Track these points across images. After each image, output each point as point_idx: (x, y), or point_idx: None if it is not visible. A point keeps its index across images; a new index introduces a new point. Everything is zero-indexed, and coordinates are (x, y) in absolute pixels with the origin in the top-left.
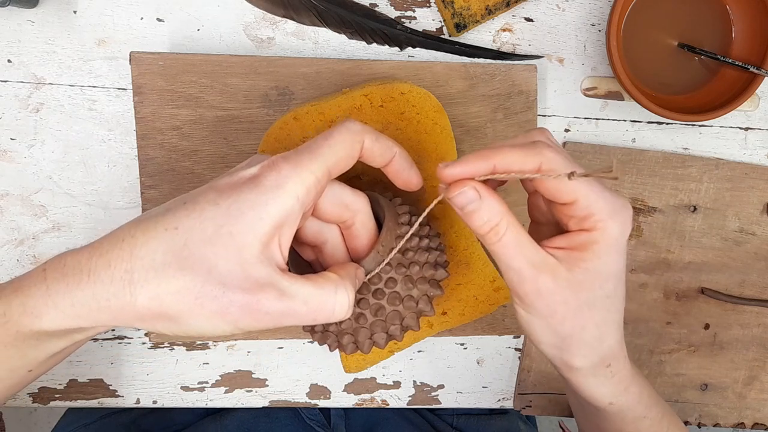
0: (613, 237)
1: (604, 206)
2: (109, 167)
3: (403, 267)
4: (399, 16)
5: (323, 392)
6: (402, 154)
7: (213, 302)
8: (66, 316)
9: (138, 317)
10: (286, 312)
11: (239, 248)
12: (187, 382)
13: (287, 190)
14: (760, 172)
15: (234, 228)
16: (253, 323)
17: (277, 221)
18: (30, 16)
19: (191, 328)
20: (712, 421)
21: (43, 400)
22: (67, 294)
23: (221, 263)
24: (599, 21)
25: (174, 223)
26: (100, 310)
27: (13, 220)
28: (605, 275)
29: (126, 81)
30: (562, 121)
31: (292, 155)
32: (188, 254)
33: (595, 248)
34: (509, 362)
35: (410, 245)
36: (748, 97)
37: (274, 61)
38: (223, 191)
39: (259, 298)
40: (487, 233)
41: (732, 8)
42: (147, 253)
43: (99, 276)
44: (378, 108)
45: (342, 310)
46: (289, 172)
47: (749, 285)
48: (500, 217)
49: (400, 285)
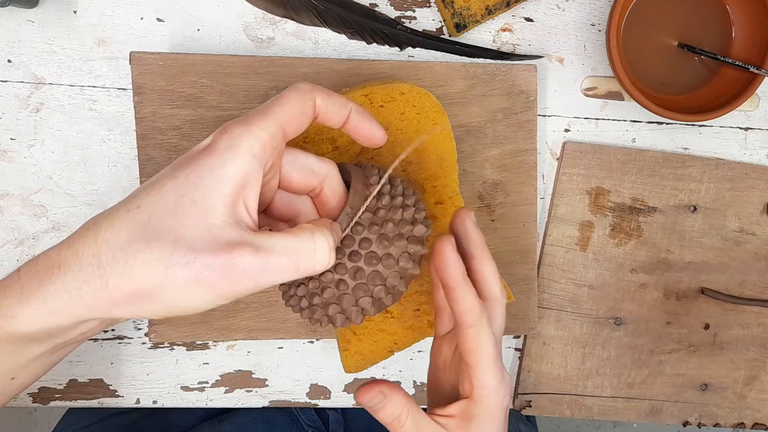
0: (493, 411)
1: (492, 381)
2: (109, 167)
3: (375, 225)
4: (399, 16)
5: (323, 392)
6: (358, 108)
7: (185, 269)
8: (39, 313)
9: (112, 301)
10: (265, 266)
11: (204, 213)
12: (187, 382)
13: (242, 148)
14: (760, 172)
15: (195, 195)
16: (231, 286)
17: (238, 181)
18: (30, 16)
19: (170, 303)
20: (712, 421)
21: (43, 400)
22: (39, 289)
23: (188, 231)
24: (599, 21)
25: (136, 203)
26: (73, 301)
27: (13, 220)
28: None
29: (126, 81)
30: (562, 121)
31: (243, 117)
32: (152, 227)
33: (479, 420)
34: (509, 362)
35: (382, 203)
36: (748, 97)
37: (274, 61)
38: (180, 164)
39: (233, 256)
40: (391, 422)
41: (732, 8)
42: (111, 235)
43: (69, 267)
44: (378, 108)
45: (323, 256)
46: (241, 131)
47: (749, 285)
48: (401, 408)
49: (376, 244)
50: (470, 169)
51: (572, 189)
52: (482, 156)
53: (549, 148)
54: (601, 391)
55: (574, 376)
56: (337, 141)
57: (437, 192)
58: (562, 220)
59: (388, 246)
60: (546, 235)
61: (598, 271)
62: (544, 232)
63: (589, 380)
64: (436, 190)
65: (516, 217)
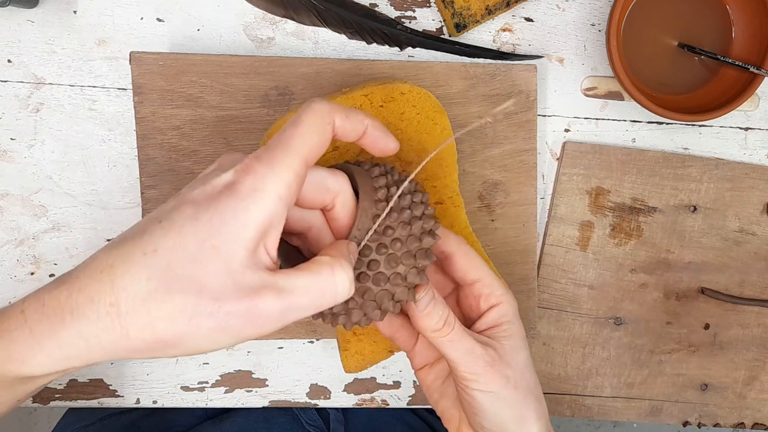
0: (514, 307)
1: (500, 285)
2: (109, 167)
3: (384, 247)
4: (399, 16)
5: (323, 392)
6: (374, 124)
7: (209, 319)
8: (54, 359)
9: (133, 349)
10: (289, 308)
11: (226, 260)
12: (187, 382)
13: (268, 191)
14: (760, 172)
15: (217, 240)
16: (256, 330)
17: (262, 225)
18: (30, 16)
19: (192, 349)
20: (712, 421)
21: (43, 400)
22: (52, 336)
23: (210, 278)
24: (599, 21)
25: (152, 245)
26: (91, 349)
27: (13, 220)
28: (522, 337)
29: (126, 81)
30: (562, 121)
31: (265, 153)
32: (173, 275)
33: (508, 319)
34: None
35: (390, 221)
36: (748, 97)
37: (274, 61)
38: (201, 204)
39: (257, 302)
40: (442, 327)
41: (732, 8)
42: (130, 282)
43: (83, 313)
44: (378, 108)
45: (344, 289)
46: (265, 172)
47: (749, 285)
48: (448, 309)
49: (384, 265)
50: (470, 169)
51: (572, 189)
52: (482, 156)
53: (549, 148)
54: (601, 391)
55: (574, 376)
56: (336, 141)
57: (437, 192)
58: (562, 220)
59: (396, 266)
60: (546, 235)
61: (598, 271)
62: (544, 232)
63: (589, 380)
64: (436, 190)
65: (516, 217)
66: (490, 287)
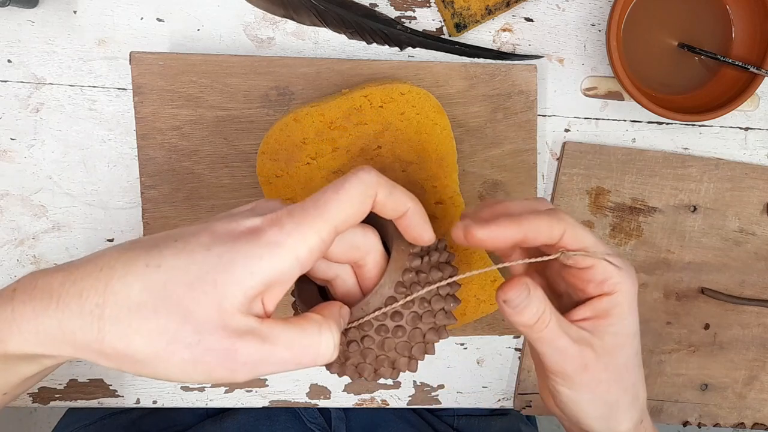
0: (631, 296)
1: (616, 272)
2: (109, 167)
3: (398, 315)
4: (399, 16)
5: (323, 392)
6: (415, 209)
7: (186, 349)
8: (28, 342)
9: (103, 355)
10: (267, 359)
11: (220, 297)
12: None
13: (287, 248)
14: (760, 172)
15: (220, 277)
16: (228, 374)
17: (269, 279)
18: (30, 16)
19: (158, 373)
20: (712, 421)
21: (43, 400)
22: (32, 320)
23: (198, 310)
24: (599, 21)
25: (157, 261)
26: (64, 342)
27: (13, 220)
28: (632, 334)
29: (126, 81)
30: (562, 121)
31: (298, 211)
32: (165, 296)
33: (619, 311)
34: (509, 362)
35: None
36: (748, 97)
37: (274, 61)
38: (219, 237)
39: (238, 346)
40: (535, 323)
41: (732, 8)
42: (122, 288)
43: (68, 305)
44: (378, 108)
45: (327, 352)
46: (292, 229)
47: (749, 285)
48: (545, 304)
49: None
50: (470, 169)
51: (572, 189)
52: (482, 156)
53: (549, 148)
54: None
55: None
56: (337, 142)
57: (437, 192)
58: None
59: (417, 323)
60: None
61: None
62: None
63: None
64: (436, 190)
65: None
66: (604, 273)
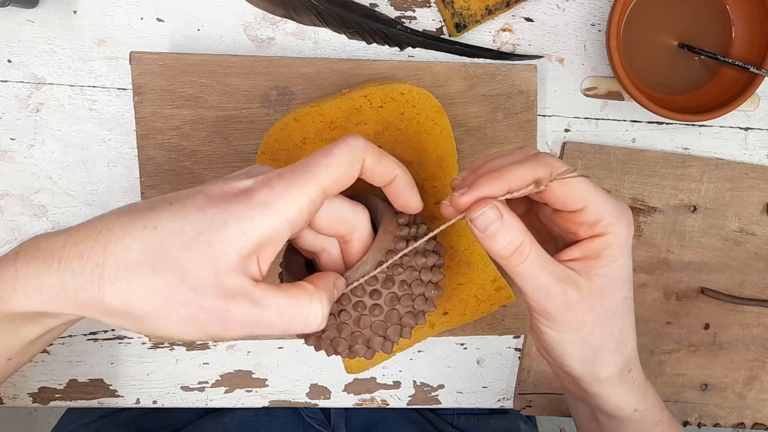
0: (623, 238)
1: (612, 209)
2: (109, 167)
3: (377, 293)
4: (399, 16)
5: (323, 392)
6: (403, 177)
7: (183, 307)
8: (33, 301)
9: (104, 312)
10: (258, 322)
11: (215, 257)
12: (187, 382)
13: (277, 208)
14: (760, 172)
15: (214, 237)
16: (222, 331)
17: (261, 238)
18: (30, 16)
19: (156, 330)
20: (712, 421)
21: (43, 400)
22: (35, 279)
23: (194, 269)
24: (599, 21)
25: (154, 222)
26: (67, 300)
27: (13, 220)
28: (622, 278)
29: (126, 81)
30: (562, 121)
31: (288, 173)
32: (162, 255)
33: (609, 253)
34: (509, 362)
35: (402, 261)
36: (748, 97)
37: (274, 61)
38: (213, 199)
39: (231, 306)
40: (511, 254)
41: (732, 8)
42: (121, 249)
43: (69, 265)
44: (378, 108)
45: (315, 321)
46: (282, 190)
47: (749, 285)
48: (523, 235)
49: (386, 300)
50: None
51: None
52: (482, 156)
53: (549, 148)
54: None
55: None
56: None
57: (437, 192)
58: None
59: (393, 305)
60: None
61: None
62: None
63: None
64: (436, 190)
65: None
66: (596, 215)
